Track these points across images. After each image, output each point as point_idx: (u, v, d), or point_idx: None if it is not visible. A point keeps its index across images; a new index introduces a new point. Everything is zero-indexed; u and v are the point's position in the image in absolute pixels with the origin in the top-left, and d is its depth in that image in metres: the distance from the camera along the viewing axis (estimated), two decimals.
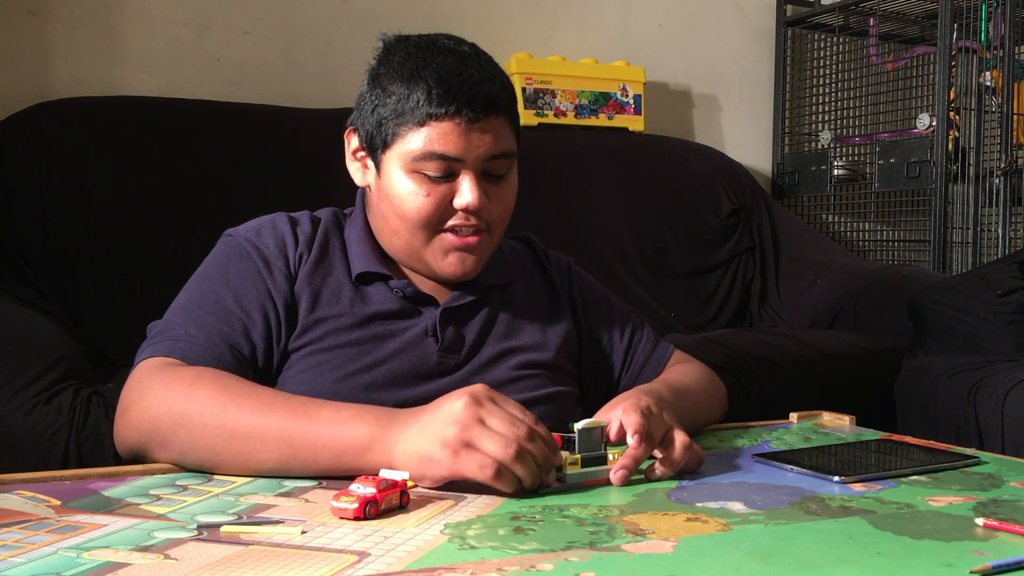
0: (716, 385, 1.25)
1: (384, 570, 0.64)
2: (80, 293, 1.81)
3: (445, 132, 1.03)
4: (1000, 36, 2.70)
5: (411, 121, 1.04)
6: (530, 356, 1.15)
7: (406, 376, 1.07)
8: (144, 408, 0.94)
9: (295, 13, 2.39)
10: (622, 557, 0.68)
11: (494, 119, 1.06)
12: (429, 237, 1.09)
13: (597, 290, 1.30)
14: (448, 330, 1.11)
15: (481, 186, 1.06)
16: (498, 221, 1.11)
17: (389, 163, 1.07)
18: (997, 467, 1.01)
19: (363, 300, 1.10)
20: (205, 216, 1.93)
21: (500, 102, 1.06)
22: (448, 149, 1.04)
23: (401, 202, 1.07)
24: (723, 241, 2.60)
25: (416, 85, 1.04)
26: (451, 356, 1.10)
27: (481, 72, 1.06)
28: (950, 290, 1.86)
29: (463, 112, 1.03)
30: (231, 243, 1.10)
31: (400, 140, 1.05)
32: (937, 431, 1.68)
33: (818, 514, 0.80)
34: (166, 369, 0.97)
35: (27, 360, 1.32)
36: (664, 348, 1.27)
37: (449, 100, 1.02)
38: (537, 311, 1.20)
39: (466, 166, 1.05)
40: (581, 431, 0.89)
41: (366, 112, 1.09)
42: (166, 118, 2.04)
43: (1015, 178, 2.70)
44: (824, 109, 3.08)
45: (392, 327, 1.09)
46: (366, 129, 1.09)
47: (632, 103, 2.66)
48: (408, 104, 1.04)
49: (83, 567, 0.64)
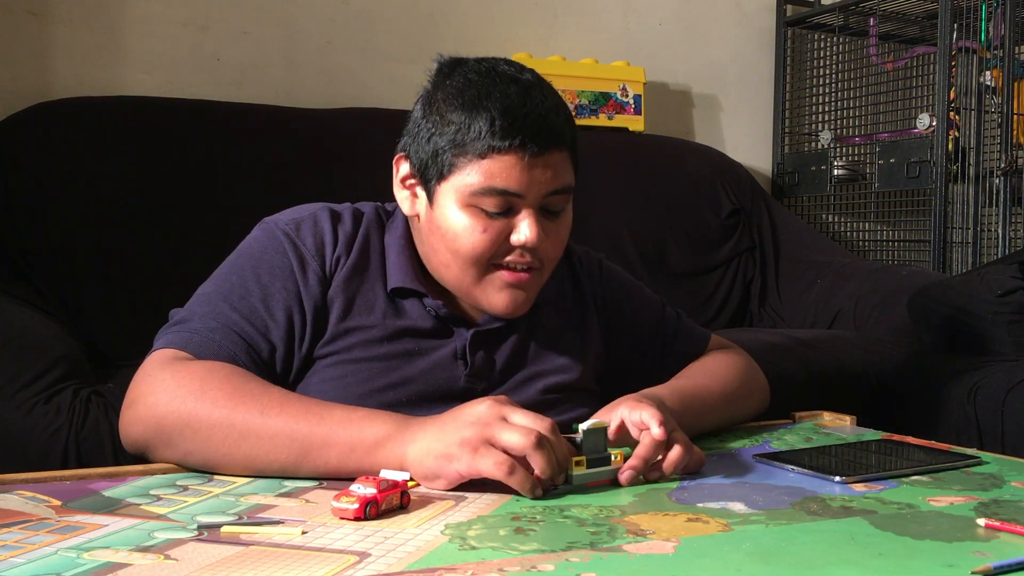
0: (747, 378, 1.21)
1: (384, 570, 0.64)
2: (80, 293, 1.81)
3: (507, 166, 0.98)
4: (1000, 36, 2.70)
5: (471, 153, 0.99)
6: (556, 379, 1.12)
7: (431, 397, 1.04)
8: (152, 404, 0.93)
9: (295, 13, 2.39)
10: (623, 557, 0.68)
11: (556, 153, 1.01)
12: (482, 274, 1.04)
13: (629, 287, 1.26)
14: (478, 355, 1.08)
15: (539, 222, 1.02)
16: (552, 258, 1.07)
17: (444, 195, 1.02)
18: (998, 467, 1.01)
19: (396, 313, 1.07)
20: (205, 216, 1.93)
21: (564, 135, 1.02)
22: (510, 184, 0.99)
23: (456, 237, 1.02)
24: (723, 241, 2.60)
25: (478, 115, 0.98)
26: (479, 381, 1.08)
27: (545, 103, 1.01)
28: (950, 290, 1.86)
29: (527, 146, 0.98)
30: (268, 234, 1.06)
31: (458, 172, 1.00)
32: (937, 431, 1.68)
33: (819, 514, 0.80)
34: (177, 364, 0.95)
35: (27, 360, 1.32)
36: (696, 340, 1.25)
37: (514, 133, 0.97)
38: (565, 330, 1.17)
39: (526, 202, 1.01)
40: (586, 432, 0.89)
41: (421, 139, 1.03)
42: (166, 118, 2.04)
43: (1015, 178, 2.70)
44: (824, 109, 3.08)
45: (422, 345, 1.07)
46: (420, 157, 1.04)
47: (632, 103, 2.66)
48: (469, 135, 0.99)
49: (83, 567, 0.64)
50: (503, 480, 0.82)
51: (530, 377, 1.11)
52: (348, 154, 2.10)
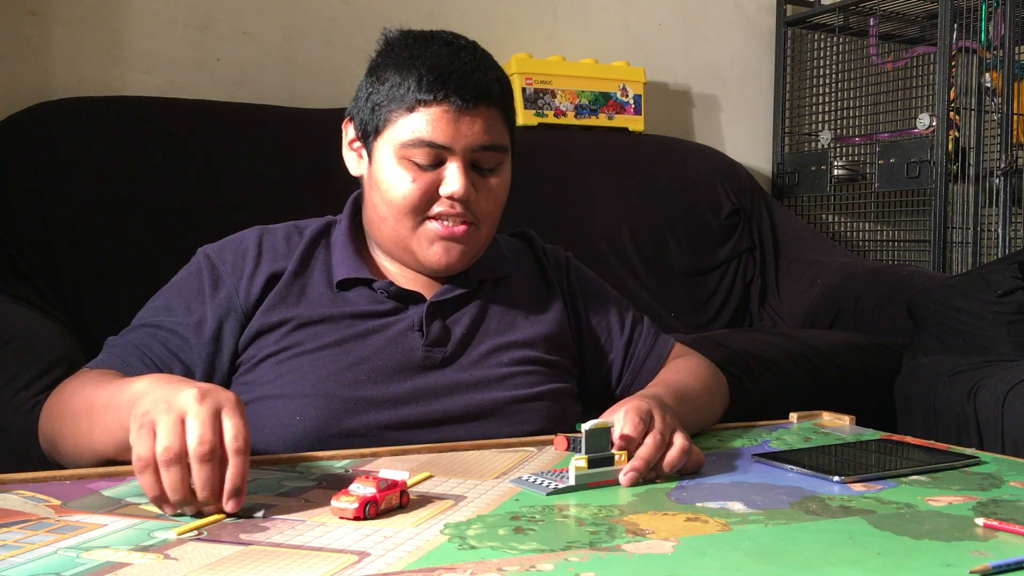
0: (717, 380, 1.24)
1: (384, 570, 0.64)
2: (80, 293, 1.81)
3: (434, 118, 1.04)
4: (1000, 36, 2.70)
5: (401, 107, 1.05)
6: (525, 352, 1.14)
7: (390, 371, 1.07)
8: (43, 414, 1.03)
9: (295, 13, 2.39)
10: (622, 557, 0.68)
11: (484, 109, 1.06)
12: (415, 225, 1.09)
13: (596, 284, 1.29)
14: (434, 324, 1.11)
15: (469, 176, 1.07)
16: (486, 215, 1.11)
17: (380, 150, 1.09)
18: (997, 467, 1.01)
19: (345, 304, 1.10)
20: (205, 216, 1.93)
21: (492, 93, 1.07)
22: (436, 136, 1.05)
23: (388, 188, 1.08)
24: (723, 241, 2.60)
25: (409, 72, 1.05)
26: (437, 350, 1.10)
27: (474, 63, 1.07)
28: (950, 290, 1.86)
29: (451, 99, 1.04)
30: (196, 260, 1.13)
31: (391, 126, 1.07)
32: (937, 431, 1.68)
33: (818, 514, 0.80)
34: (65, 381, 1.04)
35: (27, 360, 1.32)
36: (664, 342, 1.27)
37: (438, 86, 1.04)
38: (532, 307, 1.19)
39: (454, 154, 1.06)
40: (588, 432, 0.89)
41: (361, 100, 1.11)
42: (166, 118, 2.04)
43: (1015, 178, 2.70)
44: (824, 109, 3.08)
45: (375, 324, 1.09)
46: (360, 117, 1.11)
47: (632, 103, 2.66)
48: (400, 90, 1.05)
49: (83, 567, 0.64)
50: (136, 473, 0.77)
51: (495, 348, 1.13)
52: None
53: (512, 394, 1.10)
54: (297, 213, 1.24)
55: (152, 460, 0.75)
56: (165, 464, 0.75)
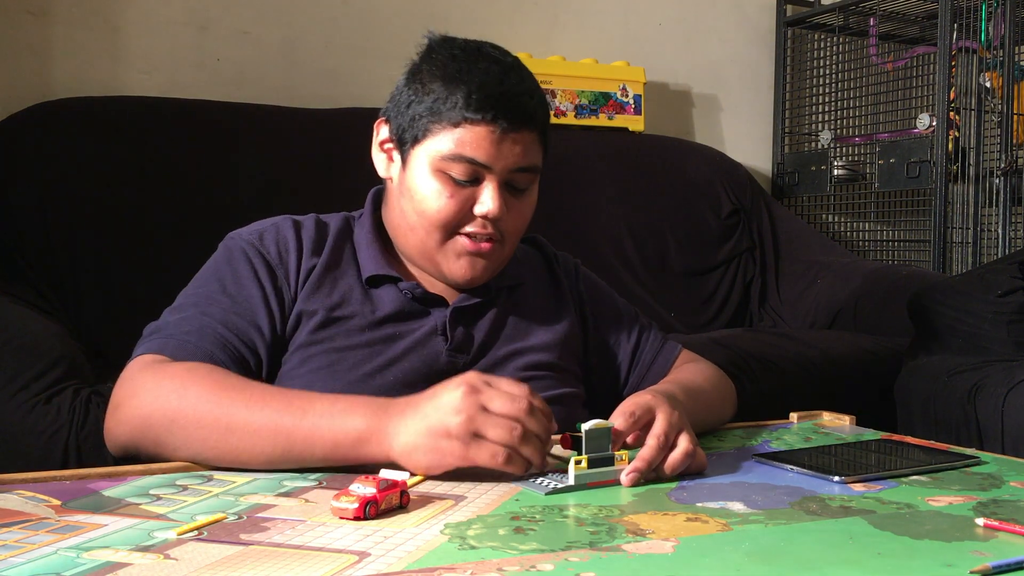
0: (726, 384, 1.24)
1: (384, 570, 0.64)
2: (80, 293, 1.81)
3: (478, 137, 1.04)
4: (1000, 36, 2.70)
5: (446, 121, 1.05)
6: (537, 357, 1.15)
7: (417, 376, 1.07)
8: (136, 405, 0.95)
9: (295, 13, 2.39)
10: (622, 557, 0.68)
11: (527, 133, 1.07)
12: (444, 239, 1.09)
13: (604, 291, 1.30)
14: (458, 330, 1.12)
15: (502, 195, 1.07)
16: (513, 232, 1.12)
17: (416, 158, 1.08)
18: (997, 467, 1.01)
19: (373, 302, 1.11)
20: (205, 216, 1.93)
21: (536, 117, 1.07)
22: (478, 154, 1.04)
23: (423, 199, 1.07)
24: (723, 241, 2.60)
25: (456, 87, 1.04)
26: (460, 356, 1.11)
27: (522, 84, 1.07)
28: (950, 290, 1.86)
29: (498, 120, 1.04)
30: (232, 246, 1.11)
31: (431, 137, 1.06)
32: (937, 431, 1.68)
33: (818, 514, 0.80)
34: (157, 366, 0.98)
35: (27, 360, 1.32)
36: (671, 347, 1.27)
37: (487, 107, 1.03)
38: (544, 313, 1.20)
39: (492, 173, 1.06)
40: (588, 432, 0.89)
41: (401, 105, 1.09)
42: (166, 118, 2.04)
43: (1015, 178, 2.70)
44: (824, 109, 3.08)
45: (401, 328, 1.10)
46: (398, 122, 1.10)
47: (632, 103, 2.66)
48: (446, 104, 1.05)
49: (83, 567, 0.64)
50: (501, 468, 0.86)
51: (511, 354, 1.14)
52: (348, 154, 2.10)
53: None
54: (297, 213, 1.24)
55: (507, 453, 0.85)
56: (521, 439, 0.85)
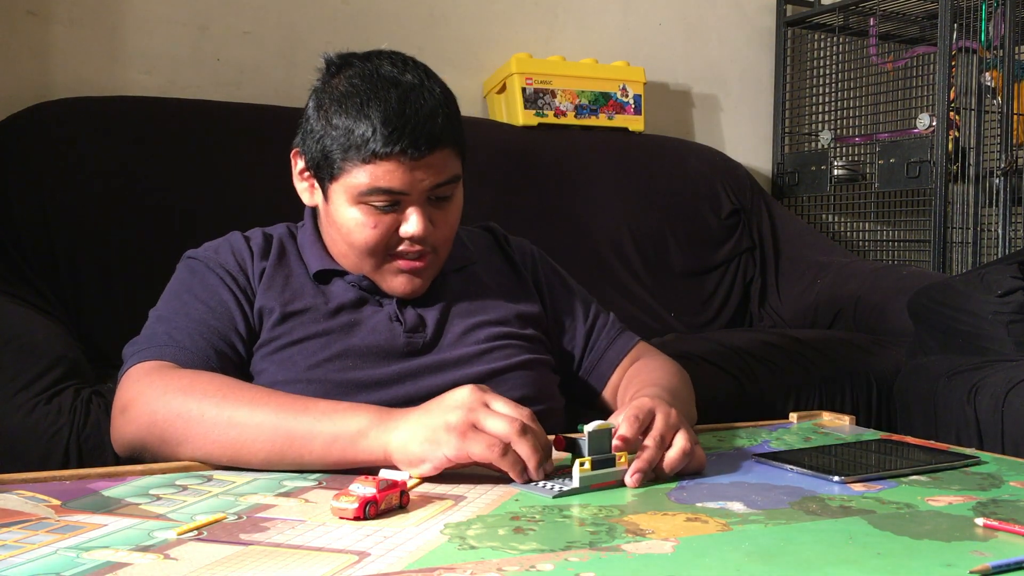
0: (688, 380, 1.25)
1: (384, 570, 0.64)
2: (80, 293, 1.81)
3: (390, 170, 1.06)
4: (1000, 36, 2.70)
5: (356, 158, 1.06)
6: (498, 328, 1.17)
7: (376, 357, 1.10)
8: (143, 404, 0.97)
9: (295, 13, 2.39)
10: (622, 557, 0.68)
11: (438, 152, 1.08)
12: (378, 264, 1.12)
13: (562, 275, 1.33)
14: (407, 312, 1.15)
15: (426, 213, 1.09)
16: (443, 242, 1.14)
17: (336, 193, 1.10)
18: (997, 467, 1.01)
19: (325, 295, 1.14)
20: (205, 216, 1.93)
21: (444, 135, 1.08)
22: (393, 185, 1.06)
23: (349, 232, 1.10)
24: (723, 241, 2.60)
25: (360, 121, 1.05)
26: (417, 336, 1.13)
27: (425, 105, 1.07)
28: (950, 290, 1.86)
29: (408, 151, 1.05)
30: (192, 264, 1.14)
31: (346, 174, 1.07)
32: (937, 431, 1.68)
33: (818, 514, 0.80)
34: (163, 370, 1.00)
35: (27, 360, 1.32)
36: (628, 338, 1.29)
37: (393, 140, 1.04)
38: (500, 289, 1.23)
39: (411, 199, 1.08)
40: (591, 433, 0.89)
41: (312, 140, 1.11)
42: (166, 118, 2.04)
43: (1015, 178, 2.70)
44: (824, 109, 3.08)
45: (357, 316, 1.13)
46: (312, 156, 1.11)
47: (632, 103, 2.66)
48: (353, 140, 1.06)
49: (83, 567, 0.64)
50: (495, 462, 0.86)
51: (470, 328, 1.16)
52: None
53: (491, 367, 1.14)
54: (297, 213, 1.24)
55: (502, 444, 0.85)
56: (520, 434, 0.85)
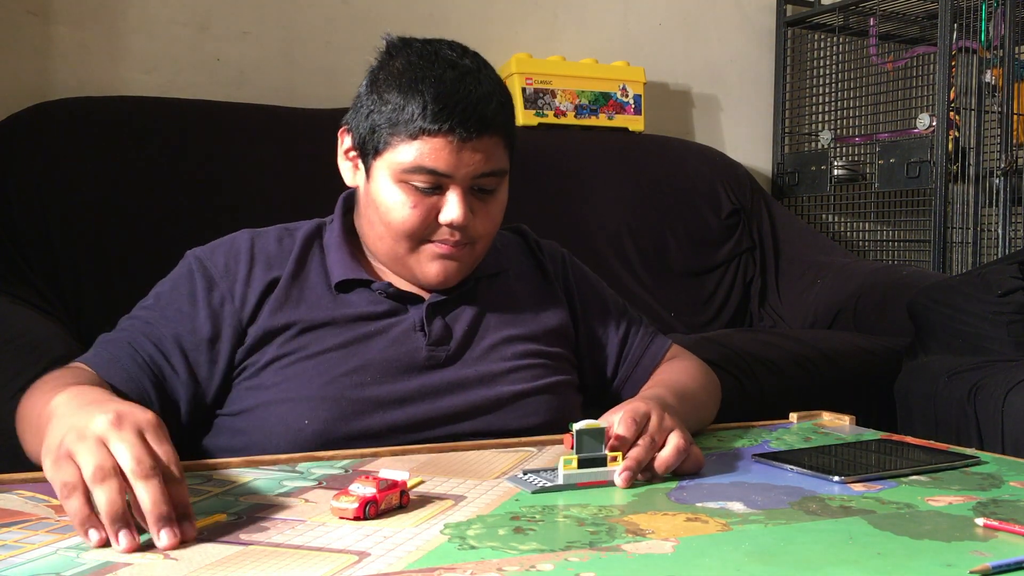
0: (713, 381, 1.24)
1: (384, 570, 0.64)
2: (80, 293, 1.81)
3: (436, 148, 1.03)
4: (1000, 36, 2.70)
5: (404, 133, 1.04)
6: (527, 346, 1.14)
7: (395, 372, 1.07)
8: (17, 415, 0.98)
9: (295, 13, 2.39)
10: (622, 557, 0.68)
11: (487, 139, 1.05)
12: (413, 247, 1.09)
13: (593, 281, 1.29)
14: (435, 323, 1.11)
15: (468, 202, 1.06)
16: (483, 235, 1.11)
17: (379, 170, 1.08)
18: (997, 467, 1.01)
19: (345, 306, 1.10)
20: (205, 216, 1.93)
21: (496, 122, 1.06)
22: (438, 165, 1.04)
23: (388, 210, 1.07)
24: (723, 241, 2.60)
25: (412, 97, 1.03)
26: (441, 349, 1.10)
27: (479, 89, 1.05)
28: (950, 290, 1.86)
29: (456, 131, 1.03)
30: (183, 264, 1.12)
31: (391, 150, 1.05)
32: (937, 431, 1.68)
33: (818, 514, 0.80)
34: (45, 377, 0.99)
35: (27, 360, 1.32)
36: (661, 342, 1.27)
37: (443, 117, 1.02)
38: (531, 300, 1.20)
39: (454, 182, 1.05)
40: (580, 432, 0.88)
41: (361, 115, 1.09)
42: (166, 118, 2.04)
43: (1015, 178, 2.70)
44: (824, 109, 3.08)
45: (377, 326, 1.10)
46: (359, 132, 1.09)
47: (632, 103, 2.66)
48: (403, 115, 1.04)
49: (83, 567, 0.64)
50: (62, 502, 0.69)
51: (498, 343, 1.13)
52: None
53: (516, 388, 1.11)
54: (297, 213, 1.24)
55: (80, 481, 0.68)
56: (99, 480, 0.68)
